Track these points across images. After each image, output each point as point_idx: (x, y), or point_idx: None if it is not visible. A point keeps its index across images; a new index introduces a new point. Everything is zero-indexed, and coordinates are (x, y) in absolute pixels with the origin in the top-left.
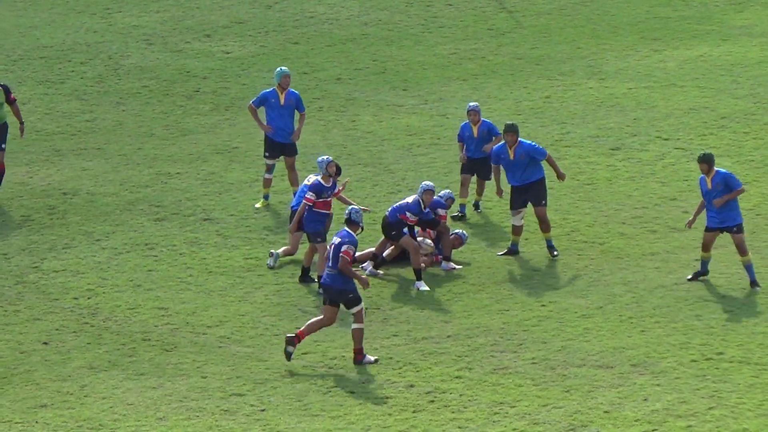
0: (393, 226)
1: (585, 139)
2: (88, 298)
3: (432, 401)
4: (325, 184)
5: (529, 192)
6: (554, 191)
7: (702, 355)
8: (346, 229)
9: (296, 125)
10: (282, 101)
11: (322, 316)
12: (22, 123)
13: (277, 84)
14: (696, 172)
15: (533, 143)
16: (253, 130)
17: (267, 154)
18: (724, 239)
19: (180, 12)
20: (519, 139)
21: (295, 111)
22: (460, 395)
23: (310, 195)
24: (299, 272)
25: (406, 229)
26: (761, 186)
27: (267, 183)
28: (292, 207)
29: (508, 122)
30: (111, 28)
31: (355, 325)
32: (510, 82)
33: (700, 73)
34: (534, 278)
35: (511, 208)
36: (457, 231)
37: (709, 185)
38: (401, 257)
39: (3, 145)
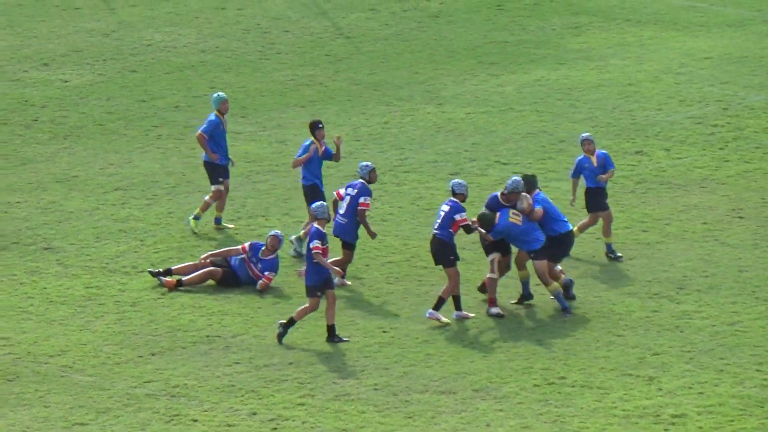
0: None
1: (424, 164)
2: None
3: (275, 428)
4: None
5: None
6: (394, 216)
7: (544, 379)
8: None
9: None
10: (224, 127)
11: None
12: None
13: (216, 110)
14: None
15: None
16: (92, 158)
17: (220, 179)
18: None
19: (17, 41)
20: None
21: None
22: (303, 422)
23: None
24: (141, 302)
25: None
26: None
27: (221, 206)
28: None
29: (527, 174)
30: None
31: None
32: (348, 108)
33: (538, 97)
34: (374, 304)
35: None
36: (276, 233)
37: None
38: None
39: None
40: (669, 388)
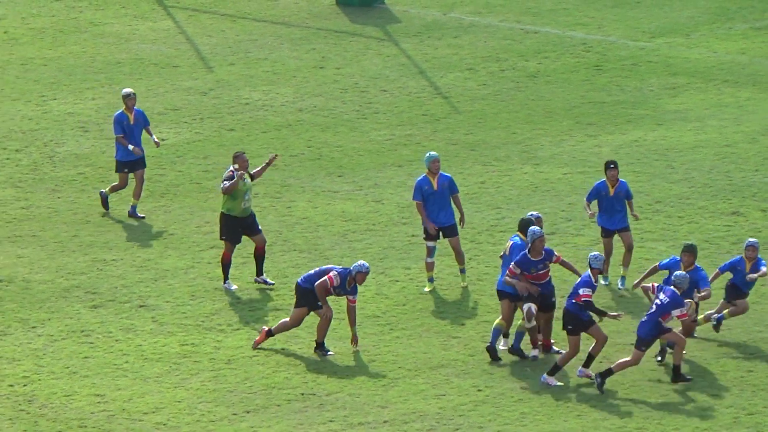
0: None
1: None
2: (24, 386)
3: None
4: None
5: None
6: (490, 276)
7: None
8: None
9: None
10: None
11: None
12: None
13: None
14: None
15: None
16: (188, 216)
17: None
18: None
19: (115, 99)
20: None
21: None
22: None
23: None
24: (236, 359)
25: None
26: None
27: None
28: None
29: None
30: (46, 115)
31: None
32: (445, 168)
33: (635, 157)
34: (469, 363)
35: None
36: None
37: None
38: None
39: None
40: None
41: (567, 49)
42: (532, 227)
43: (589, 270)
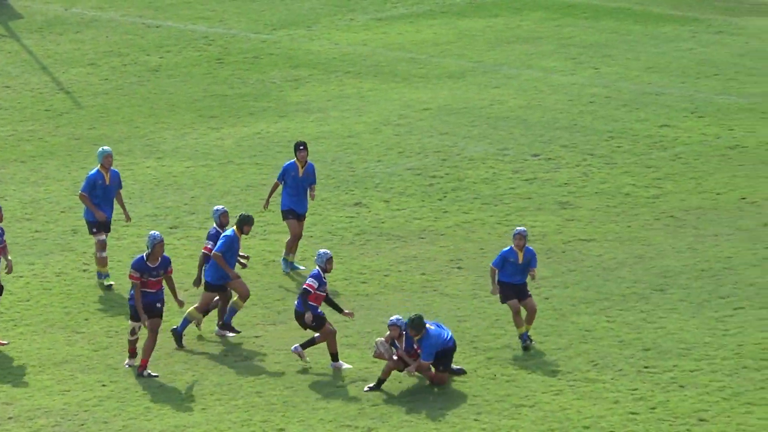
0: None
1: (143, 218)
2: None
3: None
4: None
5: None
6: (114, 270)
7: (264, 430)
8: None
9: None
10: (108, 181)
11: None
12: None
13: (101, 165)
14: (255, 248)
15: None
16: None
17: (95, 230)
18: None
19: None
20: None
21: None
22: None
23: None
24: None
25: (319, 310)
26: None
27: (105, 261)
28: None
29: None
30: None
31: None
32: (68, 163)
33: (258, 149)
34: (93, 358)
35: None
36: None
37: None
38: None
39: None
40: None
41: (189, 43)
42: (153, 233)
43: (317, 267)
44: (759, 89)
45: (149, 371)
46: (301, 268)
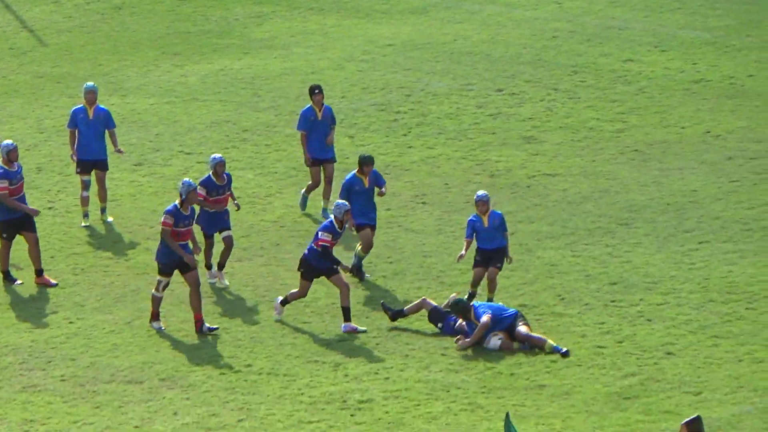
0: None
1: (108, 155)
2: None
3: None
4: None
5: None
6: (79, 209)
7: (231, 367)
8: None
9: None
10: (91, 116)
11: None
12: None
13: (84, 100)
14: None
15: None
16: None
17: (79, 170)
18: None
19: None
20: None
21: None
22: None
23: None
24: None
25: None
26: (284, 198)
27: (85, 201)
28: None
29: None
30: None
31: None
32: (32, 101)
33: (222, 86)
34: (60, 296)
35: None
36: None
37: (366, 185)
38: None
39: None
40: (355, 374)
41: None
42: (185, 180)
43: (332, 217)
44: (722, 23)
45: (207, 325)
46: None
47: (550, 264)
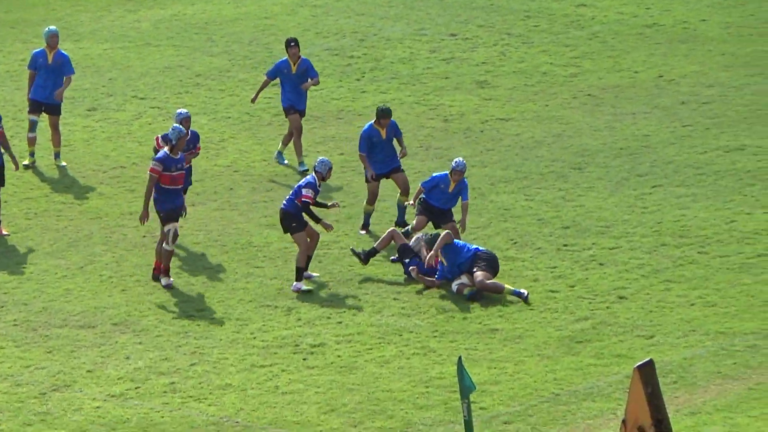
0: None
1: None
2: None
3: None
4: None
5: None
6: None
7: (183, 312)
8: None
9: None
10: (50, 61)
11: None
12: None
13: (46, 44)
14: None
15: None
16: None
17: (29, 109)
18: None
19: None
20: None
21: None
22: None
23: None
24: None
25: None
26: (238, 143)
27: (32, 141)
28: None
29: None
30: None
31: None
32: None
33: (175, 31)
34: (13, 240)
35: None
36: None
37: (384, 136)
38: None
39: None
40: (308, 318)
41: None
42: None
43: (314, 173)
44: None
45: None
46: (285, 162)
47: (504, 208)
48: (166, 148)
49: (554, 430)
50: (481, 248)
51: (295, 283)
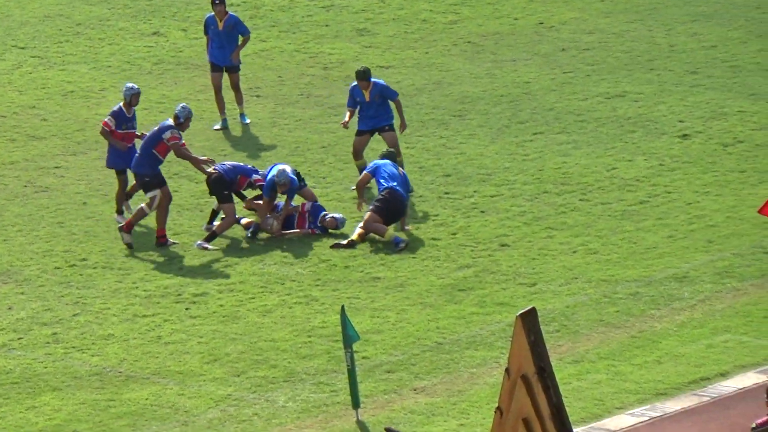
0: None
1: None
2: None
3: None
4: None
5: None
6: None
7: (66, 261)
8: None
9: None
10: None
11: None
12: None
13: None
14: (53, 80)
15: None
16: None
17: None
18: None
19: None
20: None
21: None
22: None
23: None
24: None
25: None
26: (118, 92)
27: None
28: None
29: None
30: None
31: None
32: None
33: None
34: None
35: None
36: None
37: (368, 98)
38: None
39: None
40: (190, 267)
41: None
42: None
43: (171, 119)
44: None
45: (170, 239)
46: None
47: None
48: (170, 120)
49: (437, 378)
50: (397, 187)
51: (199, 241)
